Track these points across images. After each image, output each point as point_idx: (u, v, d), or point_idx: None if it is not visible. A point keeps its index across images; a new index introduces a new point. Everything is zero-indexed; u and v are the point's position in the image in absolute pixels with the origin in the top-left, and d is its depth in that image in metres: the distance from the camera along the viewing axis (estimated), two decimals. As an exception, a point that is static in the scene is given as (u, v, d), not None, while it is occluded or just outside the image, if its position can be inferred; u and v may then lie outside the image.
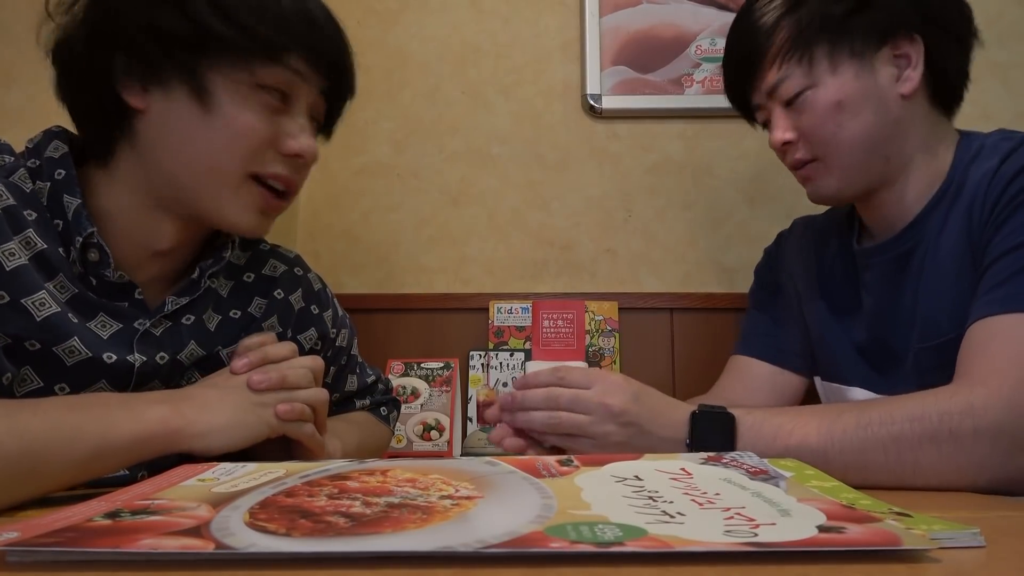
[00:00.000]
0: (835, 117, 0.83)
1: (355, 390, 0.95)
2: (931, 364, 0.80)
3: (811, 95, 0.84)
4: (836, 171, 0.86)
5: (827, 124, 0.83)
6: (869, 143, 0.84)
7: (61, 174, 0.69)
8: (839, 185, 0.86)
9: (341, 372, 0.93)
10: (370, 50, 1.52)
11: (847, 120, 0.83)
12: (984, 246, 0.77)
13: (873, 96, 0.83)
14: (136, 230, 0.72)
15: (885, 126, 0.84)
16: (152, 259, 0.73)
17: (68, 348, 0.66)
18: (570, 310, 1.40)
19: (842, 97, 0.83)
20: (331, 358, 0.90)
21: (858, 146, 0.83)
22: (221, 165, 0.69)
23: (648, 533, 0.35)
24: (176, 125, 0.68)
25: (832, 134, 0.83)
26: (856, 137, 0.83)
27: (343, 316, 0.95)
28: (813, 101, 0.83)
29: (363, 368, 0.98)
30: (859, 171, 0.85)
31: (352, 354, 0.95)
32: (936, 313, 0.81)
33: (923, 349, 0.83)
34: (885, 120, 0.84)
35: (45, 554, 0.34)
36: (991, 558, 0.35)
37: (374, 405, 0.99)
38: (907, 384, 0.83)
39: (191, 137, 0.68)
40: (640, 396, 0.72)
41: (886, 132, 0.84)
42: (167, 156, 0.69)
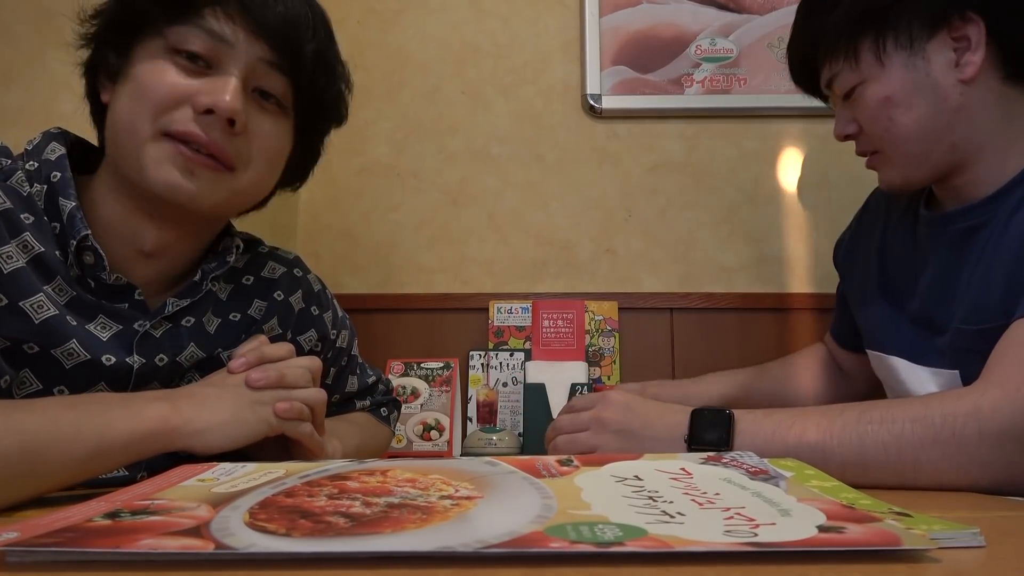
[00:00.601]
0: (886, 112, 0.81)
1: (355, 391, 0.95)
2: (970, 346, 0.78)
3: (862, 90, 0.82)
4: (898, 163, 0.84)
5: (879, 120, 0.82)
6: (926, 134, 0.81)
7: (57, 176, 0.69)
8: (904, 175, 0.85)
9: (341, 373, 0.93)
10: (370, 50, 1.52)
11: (899, 114, 0.81)
12: None
13: (926, 86, 0.80)
14: (123, 231, 0.72)
15: (943, 115, 0.80)
16: (144, 261, 0.73)
17: (67, 350, 0.65)
18: (570, 310, 1.40)
19: (890, 92, 0.80)
20: (331, 359, 0.90)
21: (914, 139, 0.81)
22: (132, 123, 0.67)
23: (648, 533, 0.35)
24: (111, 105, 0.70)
25: (885, 129, 0.82)
26: (911, 130, 0.81)
27: (343, 317, 0.95)
28: (864, 97, 0.82)
29: (363, 369, 0.98)
30: (921, 162, 0.83)
31: (352, 355, 0.95)
32: (986, 297, 0.78)
33: (965, 330, 0.80)
34: (943, 109, 0.80)
35: (45, 554, 0.34)
36: (991, 558, 0.35)
37: (374, 406, 0.99)
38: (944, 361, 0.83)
39: (113, 107, 0.69)
40: (632, 406, 0.79)
41: (944, 121, 0.80)
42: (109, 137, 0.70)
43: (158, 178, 0.67)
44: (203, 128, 0.67)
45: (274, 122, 0.73)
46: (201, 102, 0.67)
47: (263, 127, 0.72)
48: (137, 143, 0.67)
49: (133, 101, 0.67)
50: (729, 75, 1.47)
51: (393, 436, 1.04)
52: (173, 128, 0.67)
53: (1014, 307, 0.72)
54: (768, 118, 1.47)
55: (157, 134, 0.67)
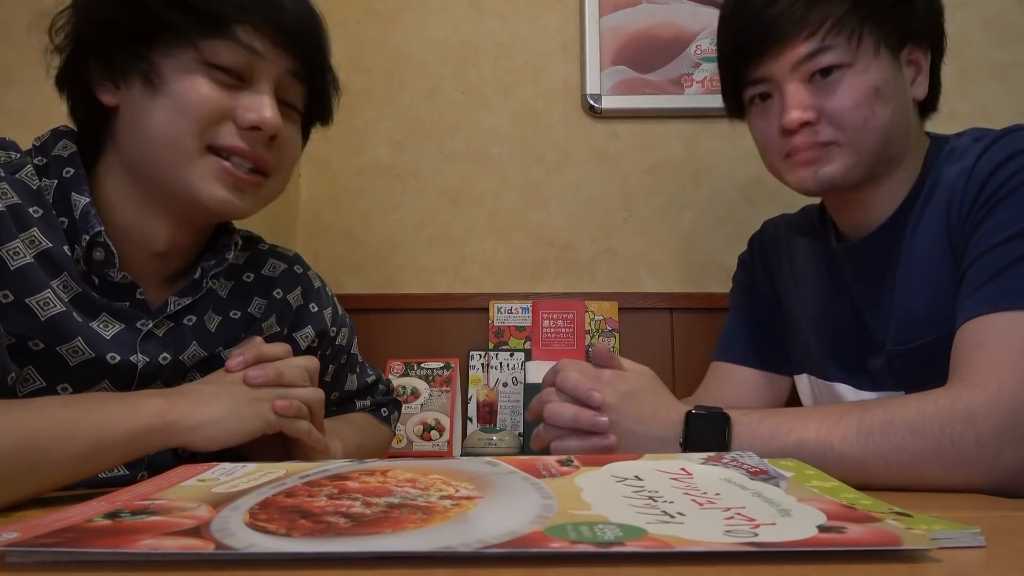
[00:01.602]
0: (871, 103, 0.80)
1: (355, 390, 0.95)
2: (907, 365, 0.80)
3: (848, 75, 0.80)
4: (851, 156, 0.82)
5: (861, 109, 0.80)
6: (890, 134, 0.82)
7: (70, 172, 0.69)
8: (846, 171, 0.82)
9: (341, 371, 0.93)
10: (370, 50, 1.52)
11: (880, 108, 0.81)
12: (964, 245, 0.76)
13: (899, 91, 0.83)
14: (134, 230, 0.72)
15: (900, 123, 0.83)
16: (153, 259, 0.74)
17: (72, 348, 0.66)
18: (570, 310, 1.40)
19: (880, 84, 0.80)
20: (330, 357, 0.90)
21: (879, 136, 0.81)
22: (178, 141, 0.68)
23: (648, 533, 0.35)
24: (140, 112, 0.69)
25: (865, 120, 0.80)
26: (884, 126, 0.81)
27: (343, 315, 0.95)
28: (852, 83, 0.80)
29: (363, 368, 0.98)
30: (870, 161, 0.83)
31: (352, 353, 0.95)
32: (911, 315, 0.81)
33: (897, 353, 0.82)
34: (902, 118, 0.83)
35: (45, 554, 0.34)
36: (991, 558, 0.35)
37: (375, 406, 0.99)
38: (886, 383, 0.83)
39: (151, 119, 0.68)
40: (628, 396, 0.73)
41: (900, 130, 0.83)
42: (135, 145, 0.70)
43: (209, 195, 0.70)
44: (248, 143, 0.70)
45: (294, 128, 0.77)
46: (248, 119, 0.69)
47: (288, 134, 0.75)
48: (182, 159, 0.69)
49: (175, 116, 0.68)
50: (729, 75, 1.47)
51: (393, 436, 1.04)
52: (220, 143, 0.69)
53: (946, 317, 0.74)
54: (768, 118, 1.47)
55: (203, 149, 0.69)
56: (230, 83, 0.69)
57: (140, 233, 0.72)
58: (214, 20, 0.68)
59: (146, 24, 0.67)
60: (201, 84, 0.68)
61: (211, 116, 0.68)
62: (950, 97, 1.40)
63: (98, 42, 0.69)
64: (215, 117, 0.69)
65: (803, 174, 0.85)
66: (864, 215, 0.88)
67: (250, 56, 0.69)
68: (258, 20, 0.69)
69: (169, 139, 0.68)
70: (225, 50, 0.69)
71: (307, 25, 0.74)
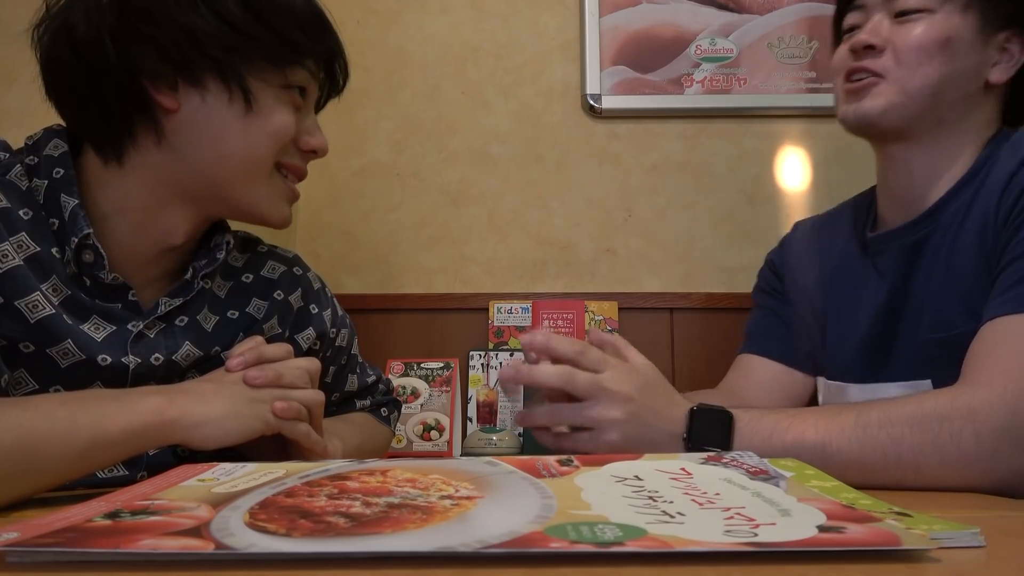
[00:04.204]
0: (935, 50, 0.82)
1: (355, 390, 0.95)
2: (940, 355, 0.79)
3: (927, 19, 0.83)
4: (894, 95, 0.84)
5: (923, 50, 0.82)
6: (939, 90, 0.83)
7: (60, 173, 0.68)
8: (883, 109, 0.84)
9: (341, 372, 0.93)
10: (370, 50, 1.52)
11: (942, 61, 0.82)
12: (1002, 247, 0.76)
13: (971, 59, 0.84)
14: (149, 227, 0.72)
15: (958, 90, 0.84)
16: (157, 256, 0.73)
17: (62, 350, 0.65)
18: (570, 310, 1.40)
19: (953, 38, 0.82)
20: (331, 358, 0.90)
21: (930, 86, 0.83)
22: (257, 160, 0.72)
23: (648, 533, 0.35)
24: (213, 123, 0.69)
25: (920, 62, 0.82)
26: (937, 78, 0.83)
27: (343, 316, 0.95)
28: (926, 25, 0.83)
29: (363, 368, 0.98)
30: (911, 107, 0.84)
31: (352, 354, 0.95)
32: (947, 306, 0.80)
33: (933, 339, 0.81)
34: (963, 87, 0.84)
35: (45, 554, 0.34)
36: (991, 558, 0.35)
37: (375, 406, 0.98)
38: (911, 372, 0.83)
39: (229, 135, 0.70)
40: (644, 388, 0.71)
41: (956, 95, 0.84)
42: (201, 153, 0.70)
43: (274, 211, 0.76)
44: (304, 164, 0.78)
45: None
46: (311, 144, 0.76)
47: None
48: (258, 176, 0.73)
49: (262, 136, 0.71)
50: (729, 75, 1.47)
51: (393, 436, 1.04)
52: (287, 163, 0.75)
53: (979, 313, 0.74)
54: (768, 118, 1.47)
55: (273, 170, 0.74)
56: (299, 104, 0.74)
57: (158, 230, 0.72)
58: (298, 47, 0.71)
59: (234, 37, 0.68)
60: (287, 110, 0.72)
61: (287, 139, 0.73)
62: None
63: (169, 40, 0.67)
64: (289, 140, 0.74)
65: (846, 107, 0.88)
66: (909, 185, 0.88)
67: (311, 81, 0.75)
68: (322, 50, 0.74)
69: (251, 157, 0.71)
70: (301, 75, 0.73)
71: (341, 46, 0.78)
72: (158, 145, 0.70)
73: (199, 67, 0.68)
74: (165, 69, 0.67)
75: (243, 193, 0.73)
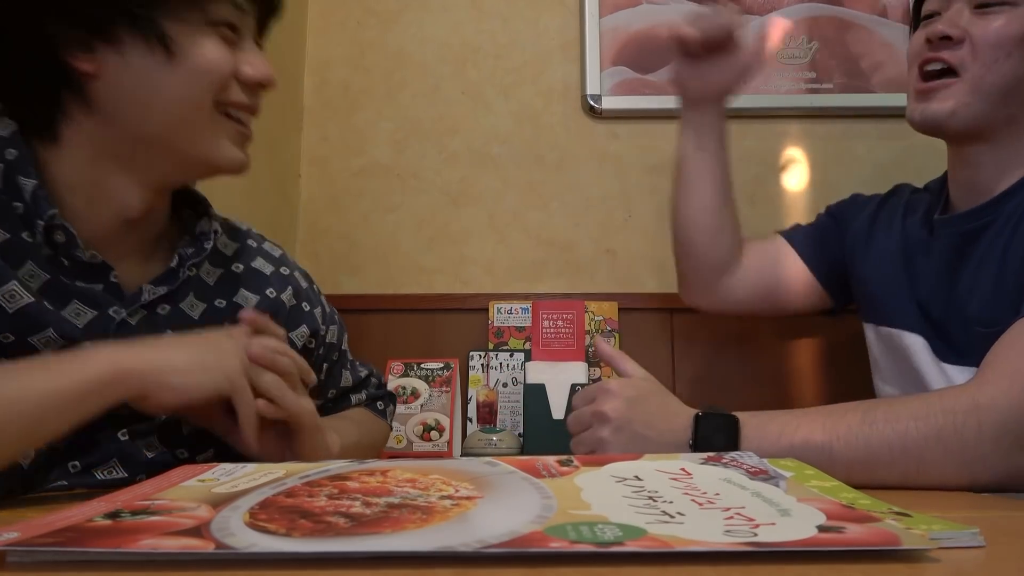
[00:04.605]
0: (1014, 45, 0.81)
1: (350, 385, 0.95)
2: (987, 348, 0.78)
3: (1008, 12, 0.82)
4: (966, 94, 0.83)
5: (1002, 46, 0.82)
6: (1012, 88, 0.82)
7: (13, 154, 0.65)
8: (954, 110, 0.84)
9: (334, 368, 0.93)
10: (370, 50, 1.52)
11: (1018, 58, 0.82)
12: None
13: None
14: (101, 201, 0.69)
15: None
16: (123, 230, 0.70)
17: (44, 338, 0.63)
18: (570, 310, 1.40)
19: None
20: (323, 355, 0.90)
21: (1004, 83, 0.82)
22: (193, 105, 0.68)
23: (648, 533, 0.35)
24: (138, 79, 0.66)
25: (998, 58, 0.82)
26: (1012, 75, 0.82)
27: (331, 311, 0.94)
28: (1007, 19, 0.82)
29: (354, 364, 0.97)
30: (983, 108, 0.83)
31: (343, 349, 0.95)
32: (997, 298, 0.80)
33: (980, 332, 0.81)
34: None
35: (45, 554, 0.34)
36: (991, 558, 0.35)
37: (370, 399, 0.98)
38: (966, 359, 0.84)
39: (158, 86, 0.66)
40: (636, 401, 0.74)
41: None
42: (135, 113, 0.67)
43: (229, 158, 0.71)
44: (251, 99, 0.72)
45: None
46: (251, 74, 0.70)
47: None
48: (200, 123, 0.69)
49: (192, 80, 0.67)
50: (729, 75, 1.47)
51: (391, 430, 1.03)
52: (231, 101, 0.70)
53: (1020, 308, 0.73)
54: (768, 118, 1.47)
55: (214, 112, 0.69)
56: (230, 39, 0.69)
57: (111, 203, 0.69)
58: None
59: None
60: (214, 46, 0.68)
61: (224, 77, 0.69)
62: None
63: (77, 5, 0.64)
64: (227, 77, 0.69)
65: (914, 106, 0.88)
66: (977, 182, 0.87)
67: (241, 13, 0.70)
68: None
69: (187, 104, 0.67)
70: (224, 8, 0.68)
71: None
72: (90, 115, 0.67)
73: (110, 23, 0.64)
74: (77, 33, 0.64)
75: (187, 143, 0.69)
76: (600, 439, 0.74)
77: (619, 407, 0.73)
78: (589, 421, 0.76)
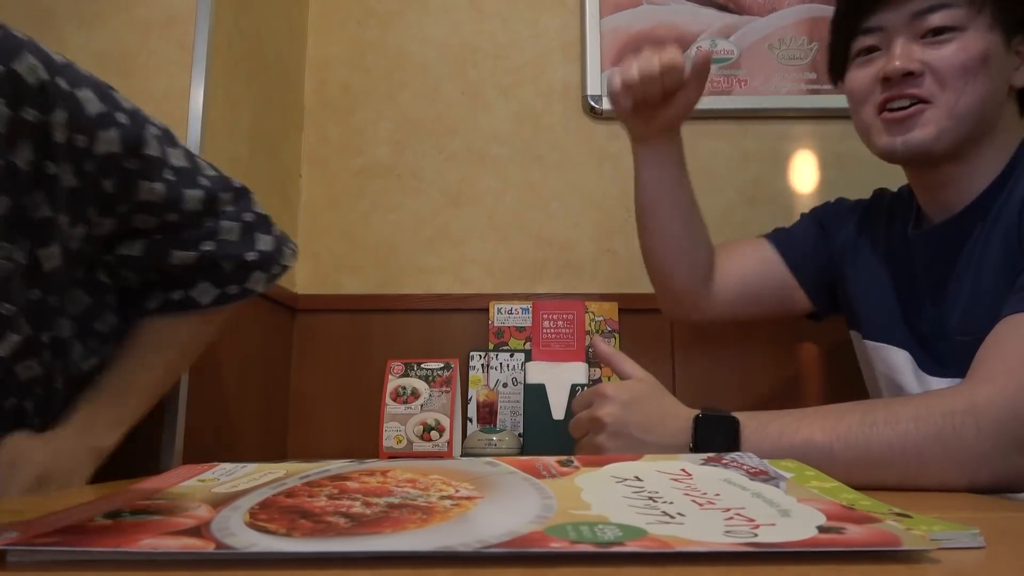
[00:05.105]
0: (977, 69, 0.82)
1: (191, 262, 0.73)
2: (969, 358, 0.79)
3: (960, 37, 0.82)
4: (944, 120, 0.83)
5: (967, 72, 0.82)
6: (982, 109, 0.83)
7: None
8: (936, 136, 0.83)
9: (132, 213, 0.68)
10: (370, 50, 1.52)
11: (983, 78, 0.82)
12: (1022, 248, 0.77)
13: (1003, 72, 0.84)
14: None
15: (995, 102, 0.84)
16: None
17: None
18: (570, 311, 1.40)
19: (989, 55, 0.82)
20: (90, 184, 0.64)
21: (975, 106, 0.83)
22: None
23: (648, 533, 0.35)
24: None
25: (966, 84, 0.82)
26: (981, 98, 0.82)
27: (110, 113, 0.67)
28: (963, 44, 0.82)
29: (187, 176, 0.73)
30: (960, 130, 0.83)
31: (168, 163, 0.70)
32: (977, 306, 0.81)
33: (962, 343, 0.82)
34: (997, 98, 0.84)
35: (45, 554, 0.34)
36: (991, 558, 0.35)
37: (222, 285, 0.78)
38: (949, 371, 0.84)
39: None
40: (632, 405, 0.74)
41: (993, 110, 0.84)
42: None
43: None
44: None
45: None
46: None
47: None
48: None
49: None
50: (730, 76, 1.47)
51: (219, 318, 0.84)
52: None
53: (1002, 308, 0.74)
54: (768, 119, 1.47)
55: None
56: None
57: None
58: None
59: None
60: None
61: None
62: None
63: None
64: None
65: (891, 139, 0.86)
66: (946, 198, 0.88)
67: None
68: None
69: None
70: None
71: None
72: None
73: None
74: None
75: None
76: (597, 445, 0.73)
77: (614, 412, 0.73)
78: (587, 427, 0.76)
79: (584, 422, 0.77)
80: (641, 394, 0.75)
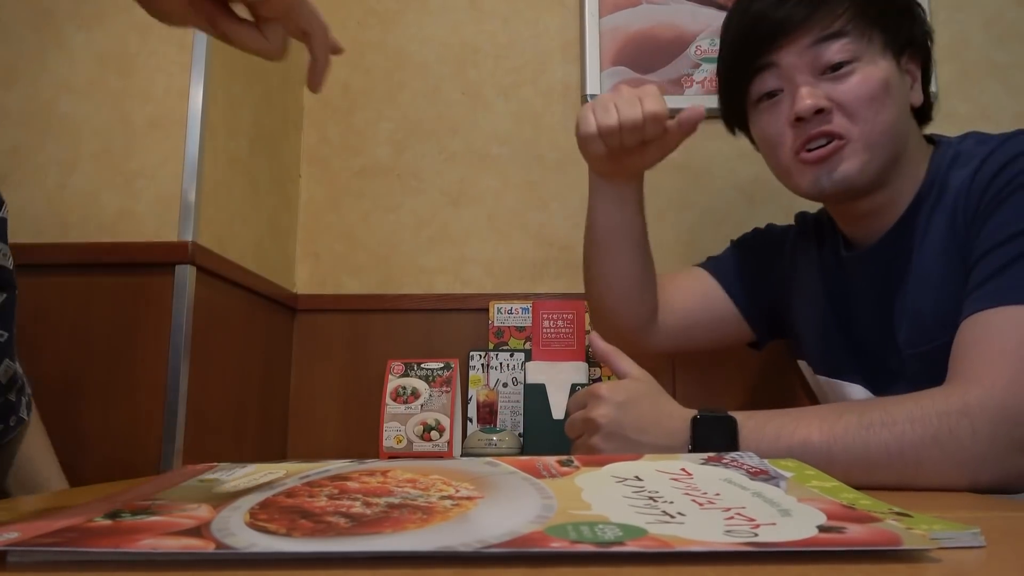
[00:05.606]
0: (882, 96, 0.82)
1: None
2: (921, 369, 0.80)
3: (859, 68, 0.82)
4: (864, 153, 0.82)
5: (874, 101, 0.82)
6: (895, 133, 0.83)
7: None
8: (860, 168, 0.82)
9: None
10: (370, 50, 1.52)
11: (889, 104, 0.82)
12: (970, 246, 0.77)
13: (903, 93, 0.85)
14: None
15: (904, 124, 0.85)
16: None
17: None
18: (570, 310, 1.40)
19: (889, 81, 0.82)
20: None
21: (888, 132, 0.83)
22: None
23: (648, 533, 0.35)
24: None
25: (876, 113, 0.82)
26: (892, 123, 0.83)
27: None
28: (863, 75, 0.82)
29: None
30: (882, 158, 0.83)
31: None
32: (923, 318, 0.82)
33: (911, 356, 0.83)
34: (904, 118, 0.85)
35: (45, 554, 0.34)
36: (991, 558, 0.35)
37: None
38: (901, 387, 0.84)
39: None
40: (626, 405, 0.73)
41: (904, 131, 0.85)
42: None
43: None
44: None
45: None
46: None
47: None
48: None
49: None
50: (729, 75, 1.47)
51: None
52: None
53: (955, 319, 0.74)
54: (768, 118, 1.47)
55: None
56: None
57: None
58: None
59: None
60: None
61: None
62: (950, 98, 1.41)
63: None
64: None
65: (816, 175, 0.85)
66: (870, 223, 0.88)
67: None
68: None
69: None
70: None
71: None
72: None
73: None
74: None
75: None
76: (591, 446, 0.73)
77: (608, 413, 0.72)
78: (582, 428, 0.75)
79: (579, 423, 0.76)
80: (636, 394, 0.75)
